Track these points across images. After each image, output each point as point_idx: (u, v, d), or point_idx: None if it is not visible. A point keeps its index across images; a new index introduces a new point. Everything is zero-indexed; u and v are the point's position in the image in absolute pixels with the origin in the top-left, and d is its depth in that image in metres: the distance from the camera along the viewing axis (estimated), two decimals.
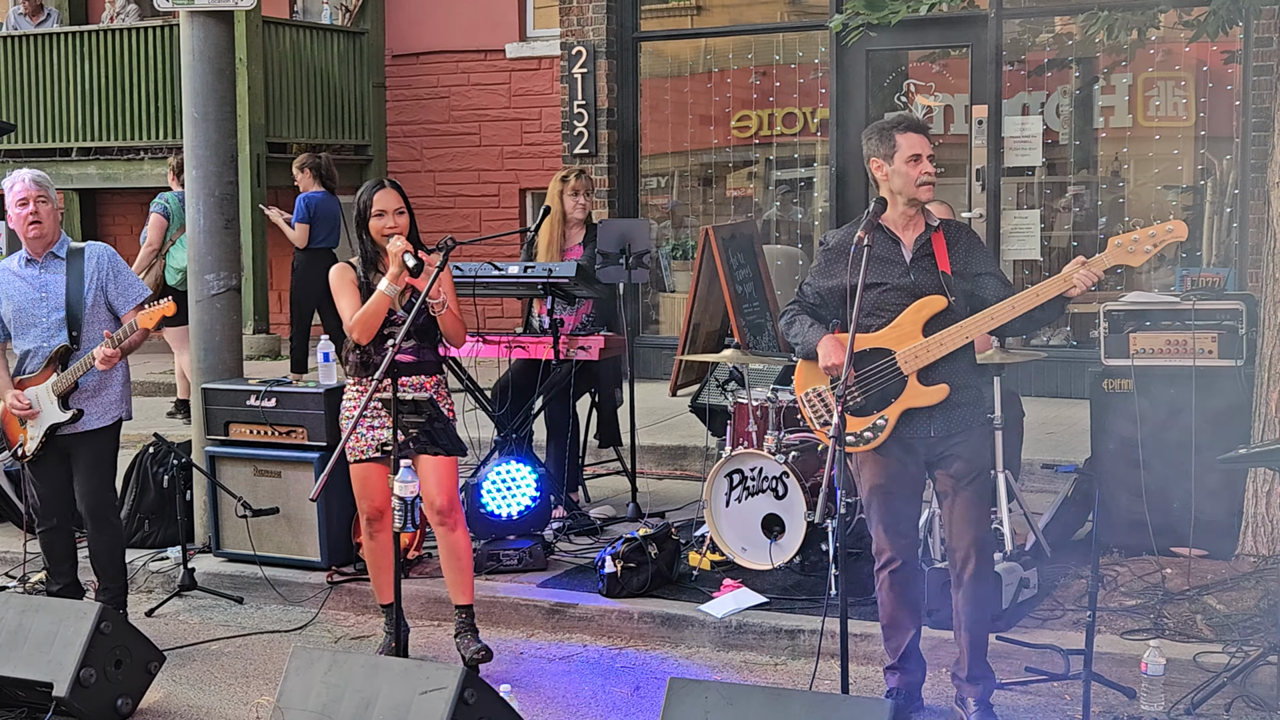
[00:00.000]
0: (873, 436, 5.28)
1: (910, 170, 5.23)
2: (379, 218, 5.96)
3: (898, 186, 5.27)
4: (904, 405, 5.25)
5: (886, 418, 5.26)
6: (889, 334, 5.26)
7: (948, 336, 5.19)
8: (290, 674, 4.98)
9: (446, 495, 6.02)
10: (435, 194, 14.53)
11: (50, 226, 6.48)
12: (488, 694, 4.79)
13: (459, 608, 6.14)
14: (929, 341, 5.20)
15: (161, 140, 13.95)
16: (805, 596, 6.60)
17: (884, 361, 5.25)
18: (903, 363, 5.23)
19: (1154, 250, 5.11)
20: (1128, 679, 5.56)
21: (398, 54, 14.75)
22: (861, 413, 5.29)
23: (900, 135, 5.26)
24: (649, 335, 12.30)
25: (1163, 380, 6.87)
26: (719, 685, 4.57)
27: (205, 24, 7.67)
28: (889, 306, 5.27)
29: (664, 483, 9.12)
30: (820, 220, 11.87)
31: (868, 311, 5.29)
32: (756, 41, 12.10)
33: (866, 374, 5.27)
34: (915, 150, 5.24)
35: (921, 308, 5.23)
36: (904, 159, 5.24)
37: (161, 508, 7.86)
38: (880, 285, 5.28)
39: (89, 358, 6.33)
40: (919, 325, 5.22)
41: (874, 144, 5.32)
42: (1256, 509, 6.64)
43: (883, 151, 5.28)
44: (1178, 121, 10.79)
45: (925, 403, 5.24)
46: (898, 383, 5.25)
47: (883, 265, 5.28)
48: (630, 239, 8.06)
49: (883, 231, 5.31)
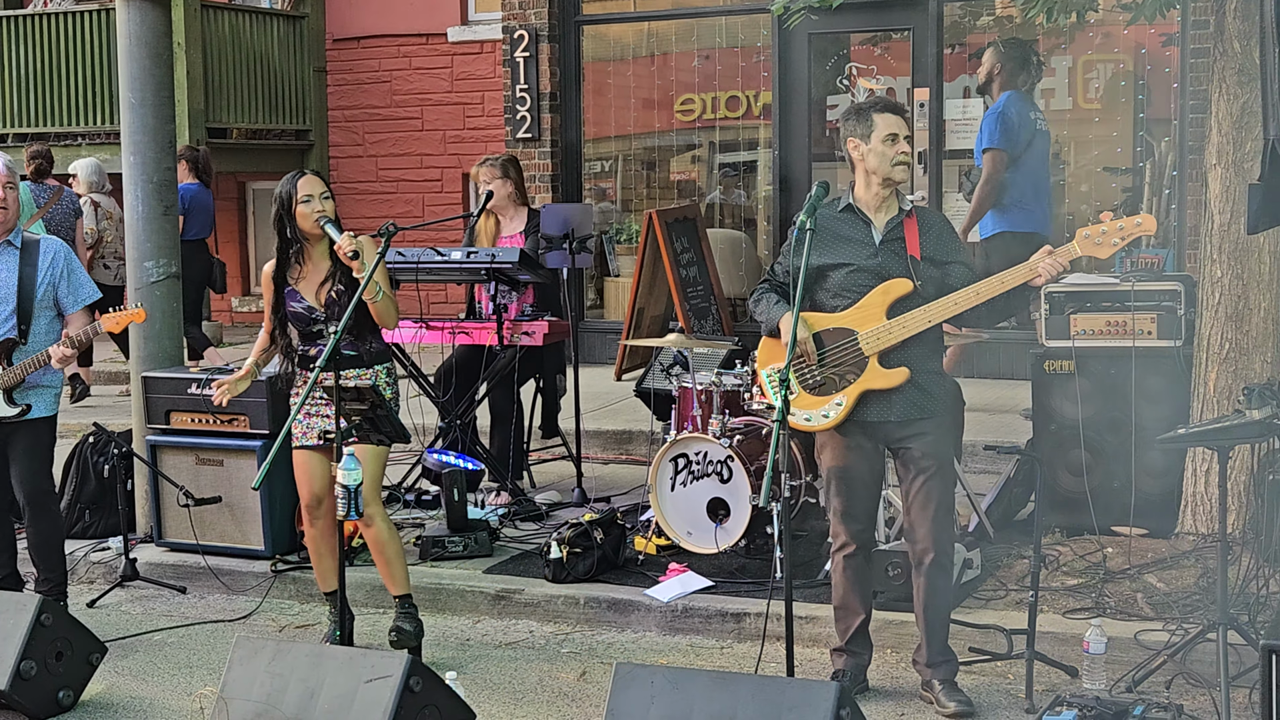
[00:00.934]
0: (828, 417, 5.30)
1: (887, 150, 5.28)
2: (307, 203, 5.91)
3: (873, 166, 5.30)
4: (863, 387, 5.27)
5: (844, 399, 5.28)
6: (853, 314, 5.28)
7: (910, 319, 5.21)
8: (234, 664, 4.95)
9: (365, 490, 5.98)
10: (378, 179, 14.44)
11: (14, 213, 6.41)
12: (433, 681, 4.77)
13: (395, 599, 6.12)
14: (891, 324, 5.23)
15: (99, 126, 13.80)
16: (751, 580, 6.62)
17: (846, 342, 5.27)
18: (864, 344, 5.25)
19: (1122, 243, 5.11)
20: (1070, 658, 5.62)
21: (338, 38, 14.65)
22: (820, 392, 5.31)
23: (878, 115, 5.29)
24: (594, 320, 12.28)
25: (1103, 361, 6.93)
26: (665, 670, 4.57)
27: (141, 8, 7.58)
28: (855, 287, 5.29)
29: (610, 468, 9.11)
30: (763, 204, 11.88)
31: (834, 292, 5.32)
32: (699, 25, 12.08)
33: (827, 353, 5.29)
34: (892, 130, 5.28)
35: (887, 290, 5.26)
36: (880, 138, 5.28)
37: (102, 497, 7.79)
38: (847, 266, 5.30)
39: (44, 355, 6.26)
40: (884, 307, 5.25)
41: (851, 124, 5.34)
42: (1196, 488, 6.70)
43: (860, 131, 5.31)
44: (1117, 104, 10.86)
45: (884, 385, 5.26)
46: (858, 364, 5.27)
47: (851, 246, 5.31)
48: (573, 224, 8.04)
49: (854, 212, 5.35)
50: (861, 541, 5.48)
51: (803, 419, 5.35)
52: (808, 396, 5.33)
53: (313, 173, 6.05)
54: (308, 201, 5.92)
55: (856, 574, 5.49)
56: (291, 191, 5.94)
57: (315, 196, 5.93)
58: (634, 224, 12.21)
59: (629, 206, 12.50)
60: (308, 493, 6.05)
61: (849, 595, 5.51)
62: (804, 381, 5.35)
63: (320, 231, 5.92)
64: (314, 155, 14.65)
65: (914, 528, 5.38)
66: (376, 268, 5.66)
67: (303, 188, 5.93)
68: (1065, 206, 11.08)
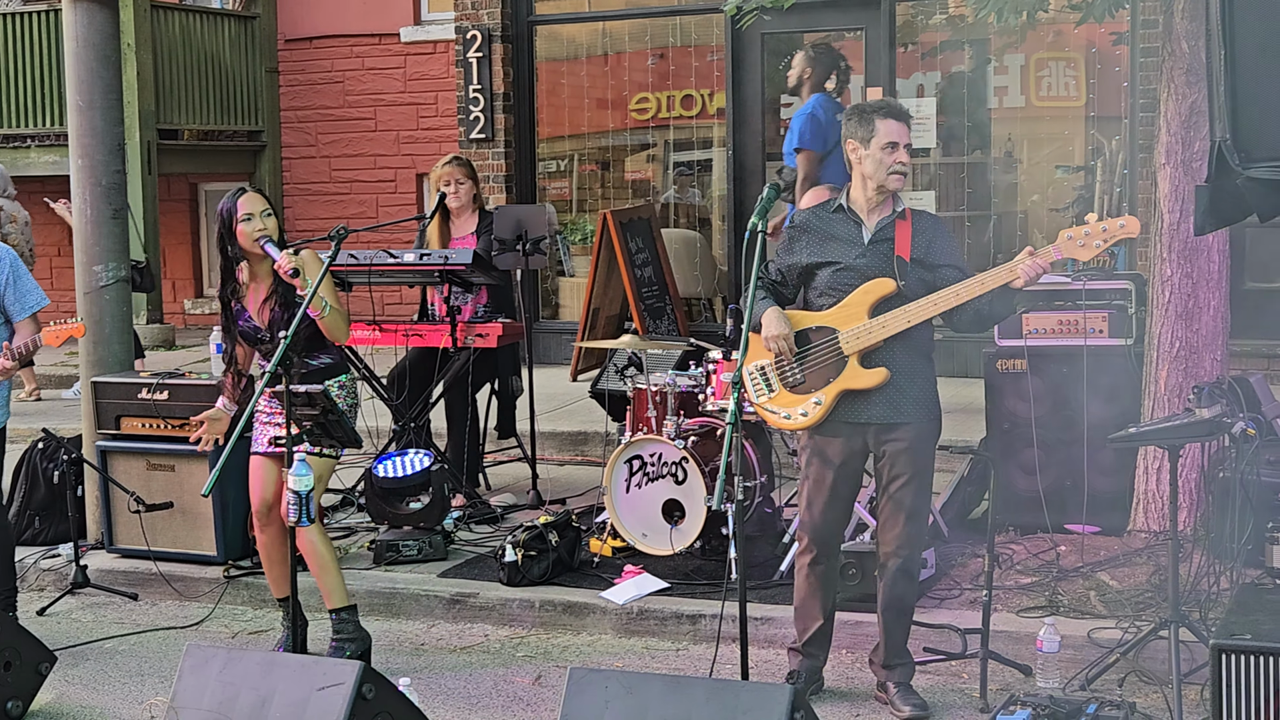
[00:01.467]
0: (806, 415, 5.28)
1: (885, 157, 5.24)
2: (247, 221, 5.85)
3: (869, 171, 5.28)
4: (842, 386, 5.25)
5: (823, 397, 5.26)
6: (836, 313, 5.27)
7: (890, 319, 5.19)
8: (185, 672, 4.90)
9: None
10: (331, 180, 14.37)
11: None
12: (386, 688, 4.74)
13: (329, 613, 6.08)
14: (871, 323, 5.21)
15: (48, 128, 13.69)
16: (706, 581, 6.61)
17: (826, 340, 5.26)
18: (844, 343, 5.23)
19: (1105, 245, 5.08)
20: (1024, 656, 5.64)
21: (290, 38, 14.56)
22: (800, 390, 5.29)
23: (880, 121, 5.25)
24: (549, 321, 12.25)
25: (1055, 360, 6.96)
26: (619, 674, 4.56)
27: (89, 9, 7.51)
28: (841, 286, 5.28)
29: (565, 469, 9.09)
30: (718, 204, 11.89)
31: (820, 290, 5.32)
32: (653, 24, 12.07)
33: (808, 351, 5.27)
34: (893, 138, 5.24)
35: (870, 290, 5.24)
36: (880, 145, 5.24)
37: (52, 504, 7.72)
38: (834, 265, 5.29)
39: None
40: (866, 307, 5.23)
41: (853, 125, 5.30)
42: (1147, 486, 6.74)
43: (860, 134, 5.28)
44: (1069, 101, 10.92)
45: (863, 385, 5.24)
46: (837, 363, 5.25)
47: (840, 245, 5.30)
48: (526, 225, 8.01)
49: (846, 212, 5.34)
50: (829, 548, 5.44)
51: (781, 416, 5.33)
52: (787, 394, 5.32)
53: (255, 190, 5.97)
54: (248, 220, 5.85)
55: (821, 580, 5.46)
56: (232, 209, 5.87)
57: (256, 215, 5.86)
58: (589, 224, 12.19)
59: (584, 207, 12.48)
60: (258, 499, 6.00)
61: (810, 600, 5.49)
62: (784, 379, 5.32)
63: (255, 251, 5.87)
64: (266, 156, 14.56)
65: (884, 530, 5.37)
66: (321, 281, 5.59)
67: (243, 206, 5.86)
68: (1018, 204, 11.13)
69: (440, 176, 8.14)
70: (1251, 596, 4.46)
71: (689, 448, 6.79)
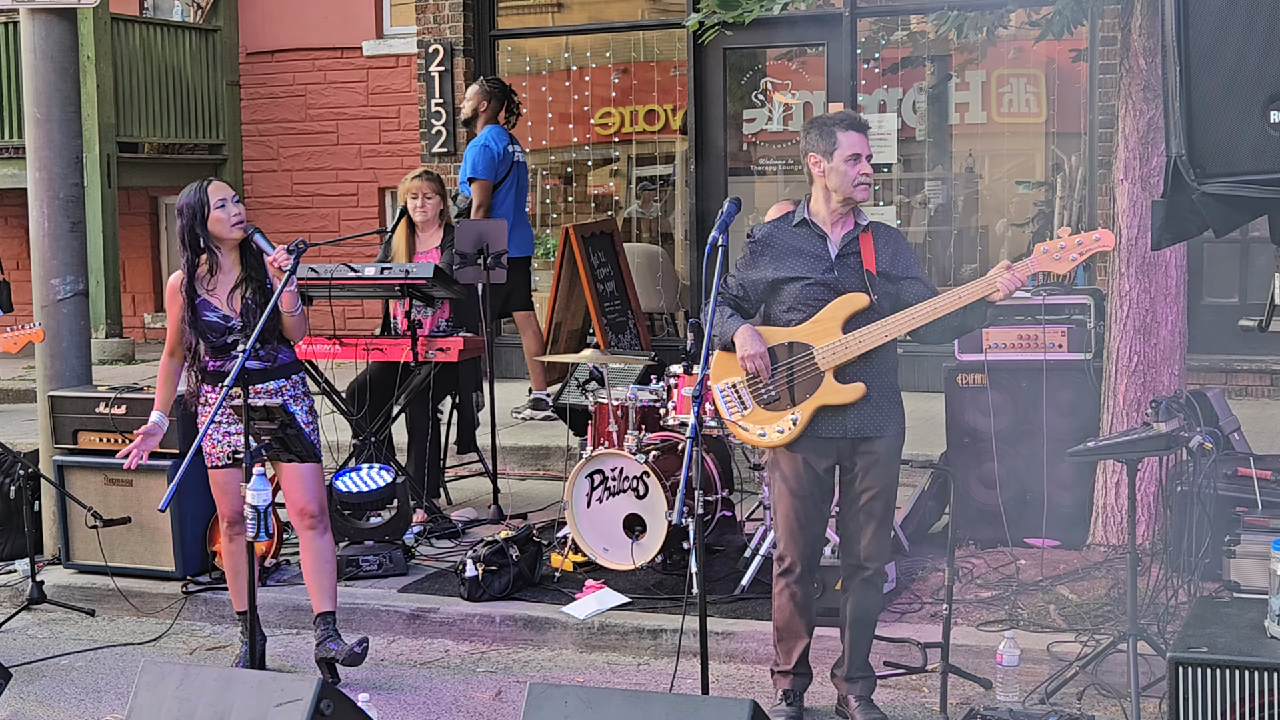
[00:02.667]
0: (783, 432, 5.24)
1: (849, 169, 5.20)
2: (222, 208, 5.84)
3: (834, 184, 5.23)
4: (818, 402, 5.21)
5: (799, 414, 5.23)
6: (809, 329, 5.23)
7: (866, 334, 5.16)
8: (140, 689, 4.85)
9: (317, 500, 5.95)
10: (293, 193, 14.31)
11: None
12: (345, 704, 4.71)
13: (322, 615, 6.03)
14: (848, 338, 5.17)
15: (6, 140, 13.57)
16: (667, 596, 6.61)
17: (801, 356, 5.23)
18: (820, 359, 5.20)
19: (1080, 259, 5.08)
20: (984, 670, 5.65)
21: (252, 51, 14.50)
22: (775, 407, 5.25)
23: (842, 133, 5.21)
24: (510, 335, 12.23)
25: (1015, 374, 6.99)
26: (579, 689, 4.54)
27: (47, 22, 7.47)
28: (810, 301, 5.24)
29: (527, 483, 9.07)
30: (681, 219, 11.90)
31: (788, 305, 5.27)
32: (615, 39, 12.09)
33: (780, 368, 5.25)
34: (855, 150, 5.21)
35: (843, 304, 5.21)
36: (844, 158, 5.20)
37: (8, 519, 7.64)
38: (803, 279, 5.25)
39: None
40: (839, 322, 5.20)
41: (814, 138, 5.26)
42: (1106, 499, 6.77)
43: (822, 147, 5.24)
44: (1029, 118, 10.99)
45: (840, 400, 5.20)
46: (813, 379, 5.21)
47: (807, 260, 5.26)
48: (487, 239, 8.00)
49: (809, 226, 5.30)
50: (812, 564, 5.40)
51: (756, 434, 5.27)
52: (762, 411, 5.27)
53: (216, 179, 5.99)
54: (222, 206, 5.84)
55: (805, 597, 5.40)
56: (203, 199, 5.85)
57: (229, 200, 5.86)
58: (551, 239, 12.18)
59: (546, 221, 12.47)
60: (229, 509, 5.97)
61: (795, 619, 5.40)
62: (758, 396, 5.28)
63: (233, 237, 5.86)
64: (227, 169, 14.49)
65: (851, 542, 5.35)
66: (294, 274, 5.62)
67: (214, 194, 5.85)
68: (979, 218, 11.19)
69: (408, 190, 8.12)
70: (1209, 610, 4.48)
71: (650, 462, 6.78)
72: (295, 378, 6.05)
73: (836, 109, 10.91)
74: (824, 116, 5.37)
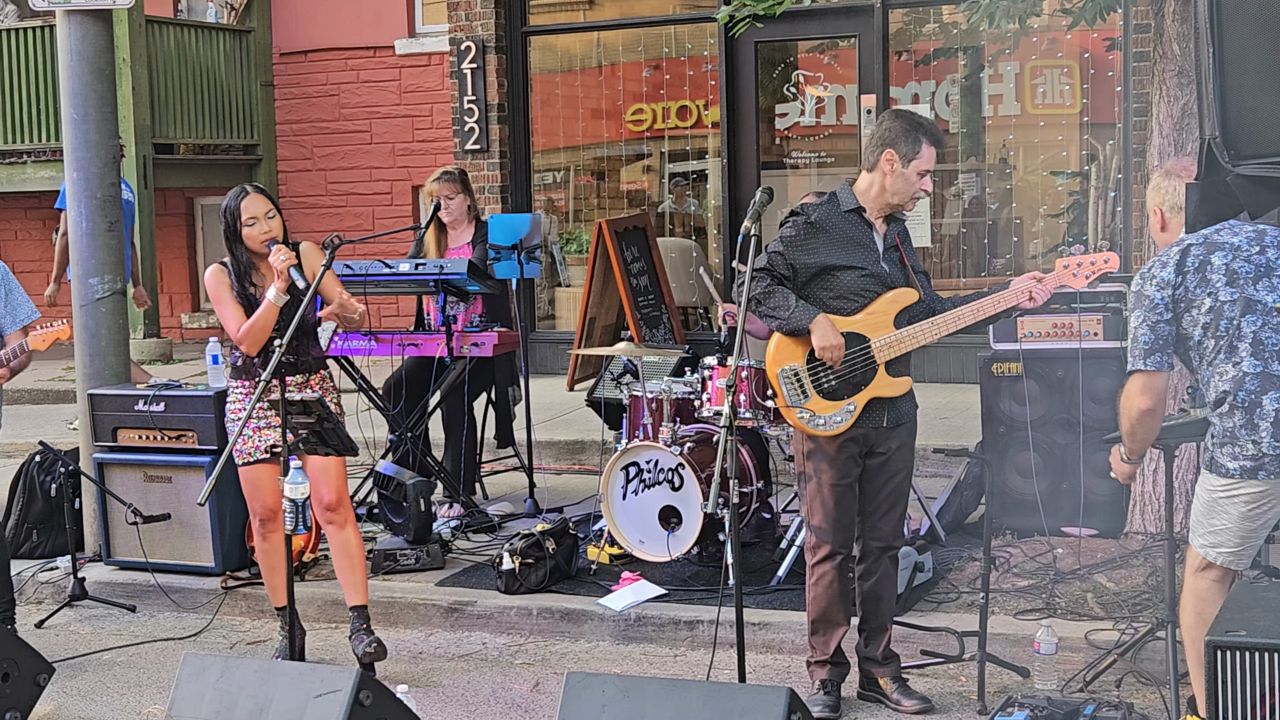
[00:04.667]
0: (840, 421, 5.29)
1: (918, 182, 5.29)
2: (252, 225, 5.87)
3: (897, 188, 5.29)
4: (872, 394, 5.30)
5: (855, 404, 5.30)
6: (864, 320, 5.29)
7: (920, 331, 5.27)
8: (182, 681, 4.89)
9: (336, 492, 5.97)
10: (327, 193, 14.38)
11: None
12: (384, 695, 4.73)
13: (353, 609, 6.06)
14: (903, 334, 5.27)
15: (45, 143, 13.68)
16: (703, 587, 6.62)
17: (859, 348, 5.29)
18: (876, 351, 5.28)
19: (1093, 276, 5.33)
20: (1021, 659, 5.64)
21: (285, 52, 14.58)
22: (833, 397, 5.30)
23: (927, 146, 5.27)
24: (545, 330, 12.27)
25: (1050, 363, 6.97)
26: (616, 678, 4.56)
27: (83, 24, 7.53)
28: (862, 292, 5.29)
29: (562, 478, 9.09)
30: (714, 213, 11.90)
31: (840, 294, 5.31)
32: (646, 35, 12.10)
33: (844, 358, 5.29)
34: (930, 165, 5.30)
35: (897, 299, 5.30)
36: (919, 170, 5.28)
37: (50, 517, 7.71)
38: (858, 269, 5.29)
39: None
40: (892, 315, 5.30)
41: (898, 136, 5.27)
42: (1143, 487, 6.74)
43: (904, 150, 5.26)
44: (1064, 109, 10.95)
45: (891, 393, 5.32)
46: (869, 371, 5.29)
47: (860, 250, 5.31)
48: (521, 234, 8.01)
49: (860, 215, 5.33)
50: (848, 550, 5.45)
51: (816, 423, 5.30)
52: (820, 400, 5.30)
53: (255, 189, 5.99)
54: (252, 225, 5.88)
55: (844, 584, 5.45)
56: (236, 212, 5.89)
57: (260, 218, 5.88)
58: (585, 235, 12.20)
59: (580, 217, 12.50)
60: (261, 507, 6.01)
61: (833, 607, 5.43)
62: (818, 385, 5.30)
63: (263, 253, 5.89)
64: (262, 170, 14.58)
65: (878, 526, 5.44)
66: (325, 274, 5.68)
67: (246, 209, 5.88)
68: (1013, 210, 11.15)
69: (430, 192, 8.15)
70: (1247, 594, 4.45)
71: (685, 454, 6.78)
72: (324, 373, 6.11)
73: (869, 102, 10.90)
74: (914, 116, 5.37)
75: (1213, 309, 4.59)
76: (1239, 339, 4.56)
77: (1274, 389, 4.53)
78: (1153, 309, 4.68)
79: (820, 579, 5.43)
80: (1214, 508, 4.69)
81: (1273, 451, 4.54)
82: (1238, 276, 4.57)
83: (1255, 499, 4.61)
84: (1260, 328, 4.55)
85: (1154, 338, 4.69)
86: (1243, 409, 4.56)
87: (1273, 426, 4.52)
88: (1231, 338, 4.57)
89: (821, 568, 5.42)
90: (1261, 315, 4.55)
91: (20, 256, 14.85)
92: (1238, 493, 4.62)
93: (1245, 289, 4.56)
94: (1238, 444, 4.58)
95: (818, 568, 5.43)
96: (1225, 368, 4.59)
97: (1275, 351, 4.55)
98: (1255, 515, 4.64)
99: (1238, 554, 4.71)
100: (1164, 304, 4.66)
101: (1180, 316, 4.67)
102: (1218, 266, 4.59)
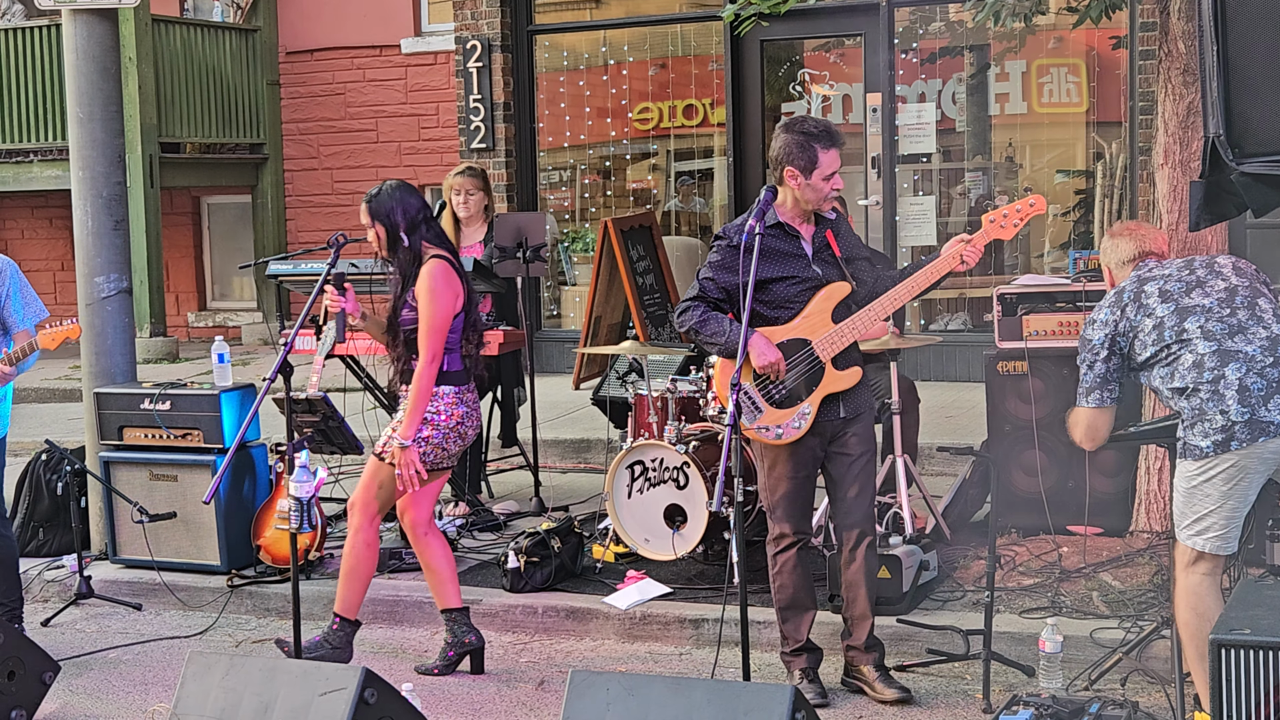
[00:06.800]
0: (799, 426, 5.40)
1: (824, 186, 5.37)
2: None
3: (808, 198, 5.39)
4: (824, 391, 5.40)
5: (809, 407, 5.39)
6: (802, 324, 5.40)
7: (859, 320, 5.36)
8: (187, 679, 4.90)
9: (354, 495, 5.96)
10: (333, 191, 14.39)
11: None
12: (389, 693, 4.74)
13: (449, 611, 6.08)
14: (842, 327, 5.37)
15: (51, 142, 13.69)
16: (708, 585, 6.62)
17: (803, 351, 5.38)
18: (820, 350, 5.37)
19: (1021, 224, 5.36)
20: (1027, 657, 5.64)
21: (291, 51, 14.60)
22: (786, 404, 5.40)
23: (823, 153, 5.33)
24: (551, 329, 12.27)
25: (1055, 361, 6.95)
26: (620, 676, 4.56)
27: (89, 22, 7.54)
28: (797, 299, 5.41)
29: (568, 476, 9.10)
30: (719, 212, 11.90)
31: (774, 304, 5.42)
32: (652, 33, 12.10)
33: (788, 365, 5.38)
34: (833, 168, 5.36)
35: (829, 295, 5.40)
36: (822, 176, 5.35)
37: (56, 515, 7.72)
38: (788, 279, 5.40)
39: None
40: (828, 313, 5.39)
41: (792, 151, 5.34)
42: (1149, 486, 6.73)
43: (801, 163, 5.34)
44: (1070, 107, 10.93)
45: (842, 387, 5.42)
46: (816, 371, 5.39)
47: (787, 259, 5.42)
48: (526, 232, 8.02)
49: (782, 228, 5.43)
50: (807, 537, 5.61)
51: (774, 434, 5.42)
52: (775, 411, 5.42)
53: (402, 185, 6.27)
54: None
55: (806, 568, 5.60)
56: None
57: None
58: (591, 233, 12.20)
59: (586, 216, 12.50)
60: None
61: (801, 592, 5.59)
62: (769, 397, 5.41)
63: None
64: (268, 169, 14.60)
65: (850, 512, 5.53)
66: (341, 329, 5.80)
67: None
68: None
69: (452, 186, 8.15)
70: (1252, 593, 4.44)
71: (690, 453, 6.79)
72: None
73: (874, 101, 10.89)
74: (803, 126, 5.43)
75: (1155, 326, 4.85)
76: (1186, 336, 4.79)
77: (1234, 360, 4.70)
78: (1091, 349, 4.99)
79: (783, 566, 5.57)
80: (1194, 495, 4.78)
81: (1241, 418, 4.66)
82: (1171, 294, 4.87)
83: (1232, 475, 4.71)
84: (1204, 323, 4.78)
85: (1093, 376, 5.01)
86: (1207, 384, 4.71)
87: (1238, 394, 4.66)
88: (1180, 337, 4.80)
89: (784, 556, 5.57)
90: (1202, 315, 4.80)
91: (27, 255, 14.87)
92: (1214, 471, 4.72)
93: (1180, 300, 4.84)
94: (1206, 419, 4.70)
95: (779, 556, 5.58)
96: (1184, 356, 4.77)
97: (1225, 333, 4.74)
98: (1235, 491, 4.73)
99: (1224, 536, 4.78)
100: (1101, 343, 4.95)
101: (1131, 346, 4.92)
102: (1150, 292, 4.90)
